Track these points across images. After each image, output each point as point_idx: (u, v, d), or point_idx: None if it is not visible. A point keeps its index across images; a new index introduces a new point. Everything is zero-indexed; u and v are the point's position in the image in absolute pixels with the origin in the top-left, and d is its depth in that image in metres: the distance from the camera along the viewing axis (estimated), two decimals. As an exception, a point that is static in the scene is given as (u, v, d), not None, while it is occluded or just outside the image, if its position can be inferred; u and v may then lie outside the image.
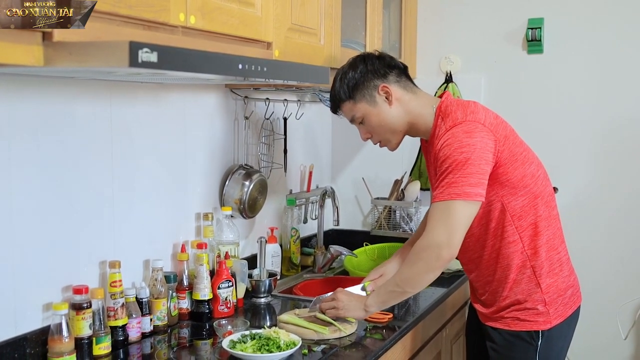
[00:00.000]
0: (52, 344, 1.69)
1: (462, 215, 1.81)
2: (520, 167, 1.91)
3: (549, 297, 1.96)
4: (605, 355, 2.89)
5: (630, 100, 2.80)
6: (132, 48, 1.17)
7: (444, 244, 1.80)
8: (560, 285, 1.98)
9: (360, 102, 1.99)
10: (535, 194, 1.94)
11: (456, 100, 1.98)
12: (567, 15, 2.87)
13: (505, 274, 1.97)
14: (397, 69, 2.01)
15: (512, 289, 1.97)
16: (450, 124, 1.87)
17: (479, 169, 1.80)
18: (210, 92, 2.36)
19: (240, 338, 1.88)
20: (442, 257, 1.82)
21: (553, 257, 1.98)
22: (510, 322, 1.99)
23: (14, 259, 1.67)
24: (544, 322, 1.96)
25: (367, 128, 2.04)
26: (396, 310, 2.27)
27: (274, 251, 2.64)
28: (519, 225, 1.93)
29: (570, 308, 2.01)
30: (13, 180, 1.65)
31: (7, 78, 1.61)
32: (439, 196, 1.82)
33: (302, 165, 3.00)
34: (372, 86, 1.97)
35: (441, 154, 1.84)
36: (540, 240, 1.95)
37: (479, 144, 1.82)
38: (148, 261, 2.08)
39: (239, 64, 1.50)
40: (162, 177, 2.15)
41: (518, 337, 1.98)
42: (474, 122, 1.86)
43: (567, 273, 2.02)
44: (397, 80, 1.99)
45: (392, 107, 1.98)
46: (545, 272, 1.95)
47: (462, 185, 1.79)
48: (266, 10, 1.88)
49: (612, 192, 2.85)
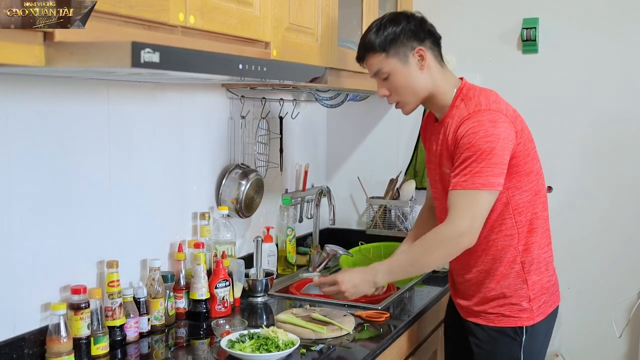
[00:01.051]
0: (50, 344, 1.68)
1: (486, 204, 1.85)
2: (530, 162, 1.95)
3: (533, 294, 1.98)
4: (599, 354, 2.91)
5: (625, 100, 2.81)
6: (135, 48, 1.17)
7: (467, 232, 1.84)
8: (545, 283, 2.01)
9: (393, 58, 1.95)
10: (536, 191, 1.98)
11: (477, 87, 1.99)
12: (561, 16, 2.88)
13: (495, 266, 1.98)
14: (434, 37, 2.00)
15: (499, 282, 1.98)
16: (473, 109, 1.89)
17: (502, 159, 1.84)
18: (207, 91, 2.36)
19: (238, 338, 1.88)
20: (463, 245, 1.86)
21: (541, 256, 2.01)
22: (494, 318, 2.01)
23: (12, 259, 1.66)
24: (527, 319, 1.98)
25: (389, 85, 2.01)
26: (392, 309, 2.28)
27: (270, 250, 2.64)
28: (519, 220, 1.95)
29: (551, 306, 2.04)
30: (11, 180, 1.65)
31: (5, 77, 1.61)
32: (463, 184, 1.83)
33: (297, 165, 3.01)
34: (409, 46, 1.95)
35: (465, 140, 1.85)
36: (534, 237, 1.98)
37: (502, 134, 1.84)
38: (145, 261, 2.08)
39: (239, 64, 1.50)
40: (159, 176, 2.15)
41: (502, 333, 2.00)
42: (497, 112, 1.88)
43: (551, 272, 2.06)
44: (432, 48, 1.98)
45: (422, 73, 1.97)
46: (533, 269, 1.98)
47: (487, 176, 1.81)
48: (264, 10, 1.88)
49: (605, 191, 2.87)
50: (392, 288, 2.49)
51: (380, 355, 1.96)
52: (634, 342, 2.83)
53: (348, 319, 2.09)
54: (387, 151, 3.19)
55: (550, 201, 2.86)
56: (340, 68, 2.40)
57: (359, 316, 2.17)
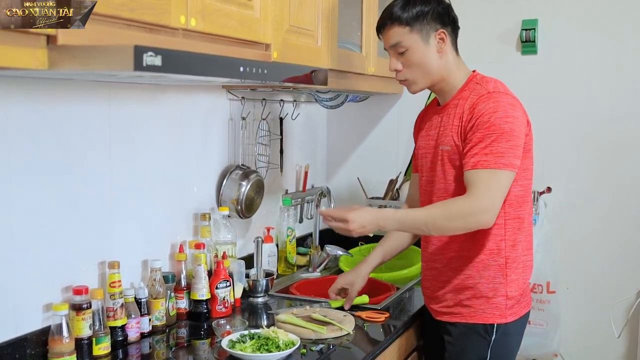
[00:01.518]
0: (52, 345, 1.69)
1: (505, 184, 1.87)
2: (529, 159, 1.98)
3: (510, 292, 1.98)
4: (598, 354, 2.92)
5: (624, 100, 2.82)
6: (137, 52, 1.18)
7: (488, 210, 1.84)
8: (522, 285, 2.02)
9: (415, 34, 1.97)
10: (527, 190, 2.00)
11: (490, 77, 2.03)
12: (561, 17, 2.89)
13: (477, 253, 1.97)
14: (455, 24, 2.04)
15: (479, 271, 1.98)
16: (492, 89, 1.92)
17: (520, 142, 1.88)
18: (208, 92, 2.37)
19: (239, 338, 1.89)
20: (482, 222, 1.86)
21: (523, 257, 2.01)
22: (467, 313, 2.01)
23: (14, 260, 1.68)
24: (500, 316, 1.98)
25: (404, 60, 2.01)
26: (392, 309, 2.29)
27: (270, 251, 2.66)
28: (508, 211, 1.95)
29: (524, 308, 2.05)
30: (13, 182, 1.66)
31: (7, 79, 1.62)
32: (485, 163, 1.84)
33: (298, 165, 3.02)
34: (433, 27, 1.97)
35: (485, 118, 1.86)
36: (520, 236, 1.99)
37: (520, 118, 1.89)
38: (146, 261, 2.09)
39: (240, 67, 1.51)
40: (159, 177, 2.16)
41: (473, 330, 2.00)
42: (514, 98, 1.93)
43: (527, 277, 2.06)
44: (451, 35, 2.02)
45: (439, 56, 1.99)
46: (514, 267, 1.98)
47: (510, 157, 1.84)
48: (265, 12, 1.89)
49: (605, 192, 2.88)
50: (392, 288, 2.51)
51: (380, 355, 1.98)
52: (632, 342, 2.84)
53: (348, 319, 2.10)
54: (386, 152, 3.20)
55: (550, 201, 2.91)
56: (341, 69, 2.41)
57: (358, 316, 2.18)
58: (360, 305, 2.29)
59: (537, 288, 2.83)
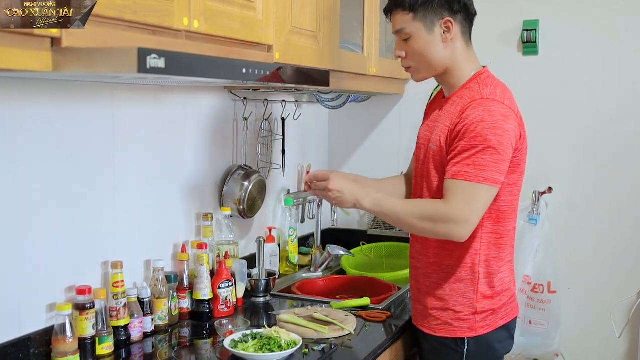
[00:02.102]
0: (56, 344, 1.71)
1: (486, 200, 1.79)
2: (517, 174, 1.89)
3: (481, 307, 1.90)
4: (599, 353, 2.92)
5: (625, 100, 2.83)
6: (141, 54, 1.19)
7: (462, 223, 1.76)
8: (496, 302, 1.93)
9: (419, 22, 1.87)
10: (513, 208, 1.92)
11: (497, 79, 1.93)
12: (562, 17, 2.89)
13: (450, 264, 1.91)
14: (468, 12, 1.91)
15: (449, 283, 1.91)
16: (488, 95, 1.81)
17: (507, 156, 1.78)
18: (210, 93, 2.38)
19: (241, 337, 1.90)
20: (454, 235, 1.78)
21: (497, 272, 1.92)
22: (436, 327, 1.95)
23: (18, 261, 1.69)
24: (469, 329, 1.91)
25: (408, 48, 1.92)
26: (393, 309, 2.30)
27: (273, 251, 2.67)
28: (487, 226, 1.88)
29: (502, 320, 1.95)
30: (17, 182, 1.67)
31: (11, 81, 1.63)
32: (467, 175, 1.75)
33: (299, 165, 3.03)
34: (439, 14, 1.86)
35: (472, 127, 1.77)
36: (497, 252, 1.91)
37: (511, 131, 1.78)
38: (149, 261, 2.10)
39: (243, 68, 1.52)
40: (162, 178, 2.17)
41: (443, 344, 1.94)
42: (509, 109, 1.81)
43: (502, 291, 1.94)
44: (462, 23, 1.90)
45: (444, 45, 1.89)
46: (486, 283, 1.90)
47: (493, 171, 1.75)
48: (267, 13, 1.89)
49: (605, 192, 2.88)
50: (393, 288, 2.51)
51: (382, 355, 1.99)
52: (633, 342, 2.85)
53: (350, 319, 2.11)
54: (388, 152, 3.20)
55: (551, 202, 2.91)
56: (342, 70, 2.41)
57: (360, 316, 2.19)
58: (362, 305, 2.30)
59: (538, 288, 2.83)
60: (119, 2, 1.33)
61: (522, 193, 2.01)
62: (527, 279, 2.81)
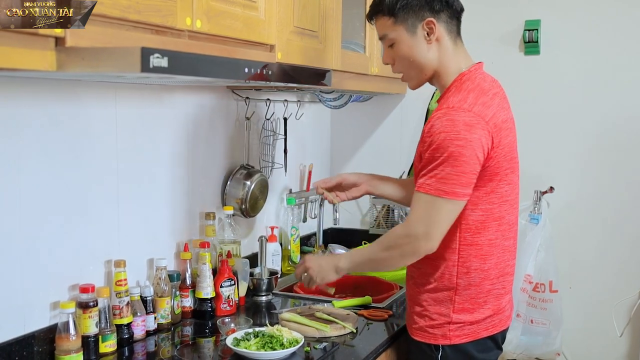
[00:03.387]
0: (59, 342, 1.72)
1: (446, 212, 1.73)
2: (496, 182, 1.79)
3: (456, 318, 1.83)
4: (600, 353, 2.93)
5: (627, 100, 2.83)
6: (144, 54, 1.20)
7: (422, 238, 1.73)
8: (476, 313, 1.84)
9: (400, 26, 1.80)
10: (495, 217, 1.81)
11: (480, 80, 1.82)
12: (563, 17, 2.90)
13: (429, 273, 1.86)
14: (452, 9, 1.83)
15: (428, 292, 1.87)
16: (455, 103, 1.73)
17: (471, 167, 1.70)
18: (212, 93, 2.39)
19: (243, 336, 1.91)
20: (419, 250, 1.76)
21: (482, 286, 1.84)
22: (414, 330, 1.91)
23: (22, 260, 1.70)
24: (442, 337, 1.85)
25: (393, 54, 1.86)
26: (395, 308, 2.31)
27: (275, 250, 2.67)
28: (465, 237, 1.80)
29: (485, 330, 1.86)
30: (21, 181, 1.68)
31: (16, 81, 1.64)
32: (427, 188, 1.71)
33: (301, 165, 3.04)
34: (420, 16, 1.79)
35: (435, 138, 1.70)
36: (482, 264, 1.82)
37: (476, 141, 1.69)
38: (152, 260, 2.11)
39: (245, 68, 1.53)
40: (165, 177, 2.18)
41: (420, 348, 1.90)
42: (477, 117, 1.70)
43: (489, 306, 1.86)
44: (447, 22, 1.82)
45: (429, 47, 1.81)
46: (466, 295, 1.83)
47: (454, 184, 1.69)
48: (269, 13, 1.90)
49: (607, 191, 2.89)
50: (394, 287, 2.52)
51: (383, 354, 1.99)
52: (635, 341, 2.85)
53: (351, 317, 2.12)
54: (390, 151, 3.21)
55: (553, 201, 2.92)
56: (344, 70, 2.42)
57: (361, 315, 2.20)
58: (364, 304, 2.31)
59: (540, 287, 2.84)
60: (123, 2, 1.35)
61: (523, 192, 2.01)
62: (528, 278, 2.82)
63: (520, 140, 1.98)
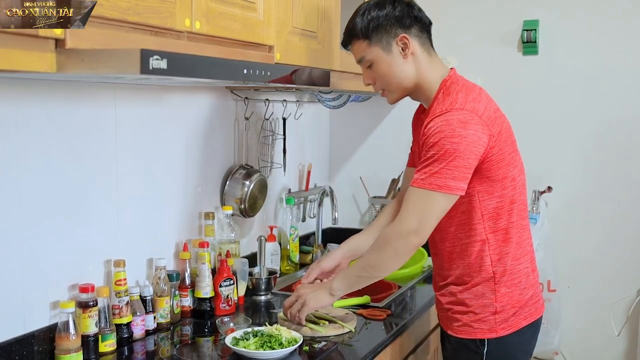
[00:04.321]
0: (59, 342, 1.72)
1: (438, 206, 1.77)
2: (505, 168, 1.84)
3: (500, 306, 1.88)
4: (598, 352, 2.94)
5: (625, 101, 2.85)
6: (144, 55, 1.21)
7: (413, 232, 1.77)
8: (516, 296, 1.89)
9: (375, 46, 1.87)
10: (511, 199, 1.87)
11: (462, 81, 1.89)
12: (561, 17, 2.91)
13: (469, 272, 1.89)
14: (421, 23, 1.90)
15: (466, 288, 1.90)
16: (447, 107, 1.79)
17: (465, 162, 1.74)
18: (212, 93, 2.40)
19: (242, 335, 1.92)
20: (410, 245, 1.79)
21: (515, 268, 1.89)
22: (457, 328, 1.93)
23: (22, 259, 1.71)
24: (489, 331, 1.88)
25: (373, 74, 1.93)
26: (394, 307, 2.32)
27: (274, 249, 2.68)
28: (488, 226, 1.86)
29: (524, 320, 1.91)
30: (21, 181, 1.69)
31: (15, 82, 1.65)
32: (419, 182, 1.76)
33: (300, 165, 3.04)
34: (392, 33, 1.86)
35: (431, 139, 1.76)
36: (508, 247, 1.88)
37: (471, 136, 1.74)
38: (151, 260, 2.12)
39: (244, 69, 1.54)
40: (164, 177, 2.18)
41: (464, 345, 1.92)
42: (471, 113, 1.77)
43: (524, 286, 1.91)
44: (418, 35, 1.89)
45: (405, 61, 1.88)
46: (504, 281, 1.88)
47: (445, 178, 1.73)
48: (268, 14, 1.91)
49: (606, 192, 2.90)
50: (393, 286, 2.53)
51: (382, 353, 2.00)
52: (632, 341, 2.87)
53: (350, 317, 2.13)
54: (389, 151, 3.22)
55: (551, 201, 2.93)
56: (343, 70, 2.43)
57: (360, 314, 2.21)
58: (362, 303, 2.32)
59: (538, 287, 2.85)
60: (123, 4, 1.36)
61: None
62: (526, 278, 2.83)
63: (518, 140, 1.98)
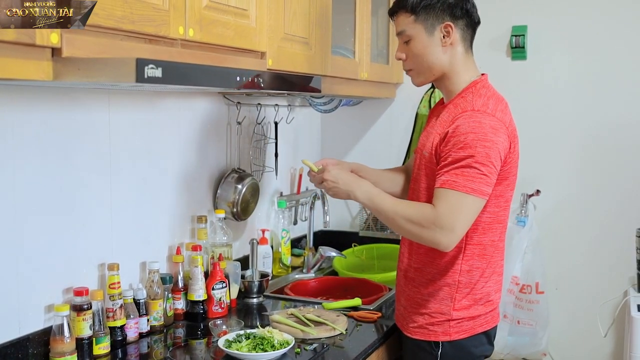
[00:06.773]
0: (54, 345, 1.74)
1: (473, 210, 1.79)
2: (505, 187, 1.88)
3: (456, 315, 1.91)
4: (586, 352, 2.98)
5: (613, 105, 2.88)
6: (139, 64, 1.23)
7: (447, 230, 1.76)
8: (473, 311, 1.92)
9: (419, 24, 1.89)
10: (498, 219, 1.91)
11: (493, 89, 1.93)
12: (550, 23, 2.95)
13: (430, 270, 1.92)
14: (471, 18, 1.92)
15: (427, 289, 1.93)
16: (479, 106, 1.81)
17: (494, 169, 1.78)
18: (205, 98, 2.42)
19: (235, 337, 1.94)
20: (436, 241, 1.79)
21: (479, 284, 1.92)
22: (412, 330, 1.97)
23: (17, 263, 1.72)
24: (442, 334, 1.91)
25: (408, 50, 1.94)
26: (384, 309, 2.34)
27: (266, 252, 2.70)
28: (471, 236, 1.87)
29: (480, 327, 1.94)
30: (16, 185, 1.71)
31: (10, 88, 1.67)
32: (454, 185, 1.75)
33: (292, 168, 3.07)
34: (440, 18, 1.88)
35: (461, 138, 1.77)
36: (480, 263, 1.90)
37: (500, 145, 1.78)
38: (145, 263, 2.14)
39: (237, 77, 1.56)
40: (157, 181, 2.20)
41: (419, 347, 1.95)
42: (500, 122, 1.81)
43: (484, 303, 1.94)
44: (463, 29, 1.91)
45: (443, 50, 1.90)
46: (465, 293, 1.90)
47: (481, 184, 1.75)
48: (260, 21, 1.94)
49: (594, 195, 2.93)
50: (384, 289, 2.56)
51: (372, 354, 2.03)
52: (619, 342, 2.90)
53: (341, 319, 2.15)
54: (379, 155, 3.24)
55: (540, 204, 2.96)
56: (334, 75, 2.46)
57: (351, 316, 2.24)
58: (353, 306, 2.34)
59: (526, 288, 2.89)
60: (118, 13, 1.38)
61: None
62: (515, 280, 2.86)
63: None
